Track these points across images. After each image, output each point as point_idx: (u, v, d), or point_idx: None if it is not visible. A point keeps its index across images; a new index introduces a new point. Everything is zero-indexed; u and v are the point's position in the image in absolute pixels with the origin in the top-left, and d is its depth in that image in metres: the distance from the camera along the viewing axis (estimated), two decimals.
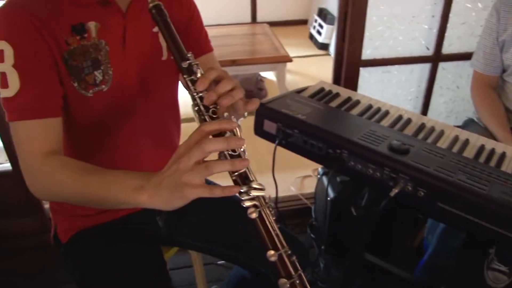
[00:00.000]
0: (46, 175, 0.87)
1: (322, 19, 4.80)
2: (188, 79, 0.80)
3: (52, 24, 0.90)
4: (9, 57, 0.86)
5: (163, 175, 0.73)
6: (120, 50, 1.00)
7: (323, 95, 1.59)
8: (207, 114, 0.77)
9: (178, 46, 0.83)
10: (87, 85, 0.97)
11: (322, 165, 1.62)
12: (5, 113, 0.90)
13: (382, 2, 1.92)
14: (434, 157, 1.22)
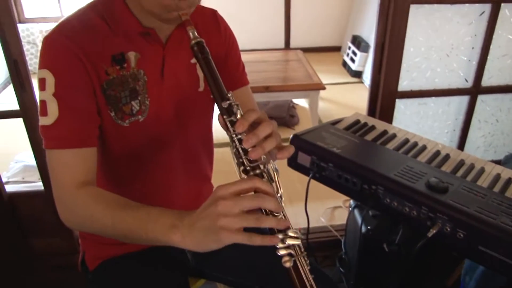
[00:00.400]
0: (78, 206, 0.87)
1: (355, 46, 4.78)
2: (227, 120, 0.80)
3: (94, 54, 0.92)
4: (50, 85, 0.88)
5: (198, 216, 0.72)
6: (158, 81, 1.01)
7: (358, 128, 1.57)
8: (246, 157, 0.77)
9: (219, 85, 0.83)
10: (123, 115, 0.97)
11: (357, 201, 1.58)
12: (42, 140, 0.91)
13: (420, 34, 1.89)
14: (475, 197, 1.17)
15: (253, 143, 0.76)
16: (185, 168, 1.15)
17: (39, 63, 0.90)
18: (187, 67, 1.06)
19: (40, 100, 0.89)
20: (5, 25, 1.64)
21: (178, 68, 1.03)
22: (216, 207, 0.69)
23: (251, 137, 0.76)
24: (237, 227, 0.69)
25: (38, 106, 0.90)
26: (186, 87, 1.07)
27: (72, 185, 0.88)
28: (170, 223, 0.74)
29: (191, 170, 1.17)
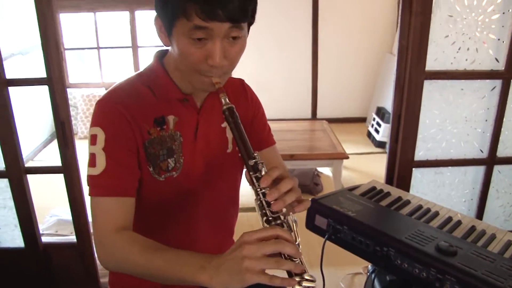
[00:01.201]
0: (116, 248, 0.97)
1: (380, 117, 4.91)
2: (253, 176, 0.92)
3: (139, 117, 1.06)
4: (100, 141, 1.02)
5: (224, 258, 0.81)
6: (192, 142, 1.14)
7: (374, 194, 1.63)
8: (268, 209, 0.88)
9: (246, 145, 0.95)
10: (160, 170, 1.10)
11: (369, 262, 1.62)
12: (89, 188, 1.03)
13: (435, 106, 2.00)
14: (483, 261, 1.21)
15: (275, 197, 0.88)
16: (211, 222, 1.25)
17: (91, 122, 1.06)
18: (218, 130, 1.19)
19: (90, 153, 1.03)
20: (57, 91, 1.86)
21: (209, 131, 1.17)
22: (241, 251, 0.79)
23: (273, 191, 0.88)
24: (259, 269, 0.77)
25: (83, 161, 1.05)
26: (216, 148, 1.19)
27: (112, 229, 0.99)
28: (199, 264, 0.83)
29: (216, 225, 1.27)
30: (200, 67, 0.98)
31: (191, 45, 0.95)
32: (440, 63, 1.95)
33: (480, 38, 1.96)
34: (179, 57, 1.00)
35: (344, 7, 5.37)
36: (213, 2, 0.89)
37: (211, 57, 0.96)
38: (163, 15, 0.97)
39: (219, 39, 0.94)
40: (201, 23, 0.91)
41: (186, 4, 0.90)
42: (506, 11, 1.94)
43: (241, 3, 0.91)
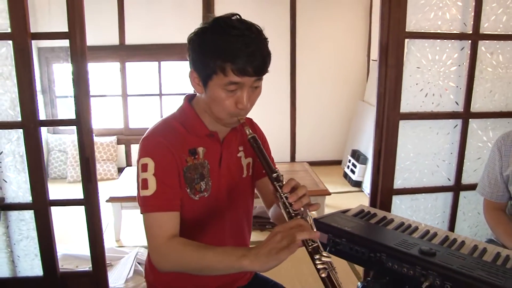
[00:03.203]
0: (172, 251, 1.22)
1: (355, 159, 5.28)
2: (277, 185, 1.21)
3: (178, 148, 1.33)
4: (151, 168, 1.28)
5: (261, 246, 1.08)
6: (217, 168, 1.42)
7: (363, 215, 1.92)
8: (291, 208, 1.17)
9: (269, 163, 1.26)
10: (195, 191, 1.37)
11: (365, 267, 1.89)
12: (141, 207, 1.29)
13: (409, 142, 2.34)
14: (457, 259, 1.51)
15: (295, 199, 1.18)
16: (232, 236, 1.50)
17: (140, 154, 1.32)
18: (235, 159, 1.48)
19: (142, 179, 1.28)
20: (84, 131, 2.10)
21: (230, 159, 1.46)
22: (275, 237, 1.07)
23: (293, 195, 1.18)
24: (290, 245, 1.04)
25: None
26: (234, 173, 1.48)
27: (166, 237, 1.24)
28: (241, 254, 1.09)
29: (236, 238, 1.53)
30: (230, 110, 1.27)
31: (225, 95, 1.24)
32: (411, 106, 2.30)
33: (443, 85, 2.33)
34: (212, 102, 1.29)
35: (320, 60, 5.82)
36: (245, 62, 1.19)
37: (240, 102, 1.26)
38: (202, 70, 1.25)
39: (247, 89, 1.25)
40: (235, 79, 1.21)
41: (225, 64, 1.19)
42: (461, 64, 2.33)
43: (263, 61, 1.23)
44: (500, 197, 2.00)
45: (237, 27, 1.21)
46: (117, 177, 5.42)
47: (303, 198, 1.19)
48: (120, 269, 3.12)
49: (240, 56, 1.18)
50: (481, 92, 2.40)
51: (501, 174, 1.96)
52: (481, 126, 2.44)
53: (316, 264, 1.08)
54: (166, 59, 5.62)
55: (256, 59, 1.20)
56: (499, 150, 1.95)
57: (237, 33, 1.19)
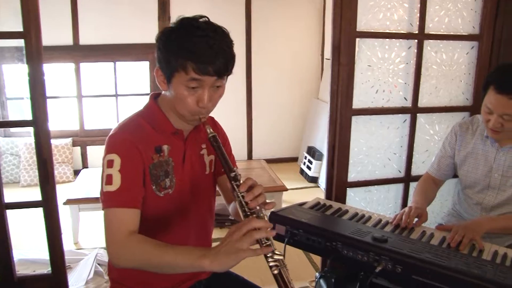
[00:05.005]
0: (132, 247, 1.23)
1: (311, 156, 5.41)
2: (234, 184, 1.27)
3: (144, 145, 1.35)
4: (117, 164, 1.29)
5: (220, 246, 1.13)
6: (181, 165, 1.46)
7: (319, 207, 2.01)
8: (247, 207, 1.22)
9: (227, 162, 1.31)
10: (160, 188, 1.40)
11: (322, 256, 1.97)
12: (103, 203, 1.29)
13: (361, 137, 2.45)
14: (407, 244, 1.61)
15: (251, 198, 1.23)
16: (196, 231, 1.54)
17: (106, 151, 1.32)
18: (198, 156, 1.52)
19: (107, 174, 1.29)
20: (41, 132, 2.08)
21: (193, 157, 1.50)
22: (231, 237, 1.11)
23: (249, 194, 1.23)
24: (246, 247, 1.10)
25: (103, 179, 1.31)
26: (198, 170, 1.52)
27: (125, 233, 1.25)
28: (200, 253, 1.13)
29: (200, 233, 1.57)
30: (192, 108, 1.31)
31: (186, 92, 1.29)
32: (363, 102, 2.40)
33: (392, 82, 2.45)
34: (175, 100, 1.33)
35: (275, 59, 5.93)
36: (206, 62, 1.24)
37: (201, 101, 1.30)
38: (166, 68, 1.29)
39: (207, 88, 1.30)
40: (196, 76, 1.25)
41: (187, 62, 1.23)
42: (409, 62, 2.46)
43: (225, 62, 1.28)
44: (443, 176, 2.16)
45: (203, 28, 1.25)
46: (73, 180, 5.32)
47: (259, 197, 1.24)
48: (79, 271, 3.09)
49: (202, 55, 1.22)
50: (427, 89, 2.54)
51: (452, 157, 2.08)
52: (428, 120, 2.58)
53: (268, 261, 1.15)
54: (122, 60, 5.56)
55: (217, 60, 1.24)
56: (455, 134, 2.09)
57: (201, 33, 1.24)
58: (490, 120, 1.81)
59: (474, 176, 2.01)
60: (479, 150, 1.99)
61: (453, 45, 2.55)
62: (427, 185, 2.14)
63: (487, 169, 1.97)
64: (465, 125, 2.07)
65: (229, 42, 1.31)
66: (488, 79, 1.82)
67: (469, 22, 2.54)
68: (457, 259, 1.51)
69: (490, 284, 1.36)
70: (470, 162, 2.02)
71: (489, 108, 1.79)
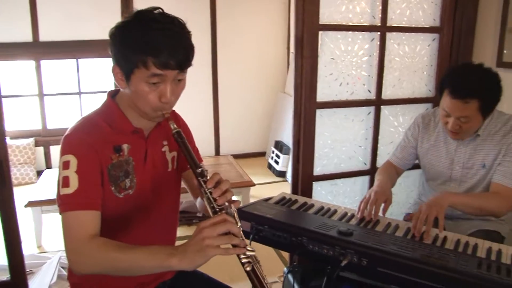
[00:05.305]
0: (94, 251, 1.17)
1: (278, 150, 5.41)
2: (201, 180, 1.22)
3: (102, 145, 1.29)
4: (73, 165, 1.23)
5: (188, 243, 1.08)
6: (142, 164, 1.40)
7: (285, 202, 1.99)
8: (215, 203, 1.18)
9: (193, 158, 1.26)
10: (120, 189, 1.34)
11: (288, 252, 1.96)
12: (60, 206, 1.23)
13: (326, 130, 2.44)
14: (373, 236, 1.61)
15: (219, 193, 1.19)
16: (158, 231, 1.49)
17: (62, 152, 1.26)
18: (160, 154, 1.47)
19: (63, 176, 1.23)
20: None
21: (154, 155, 1.44)
22: (201, 234, 1.07)
23: (217, 190, 1.19)
24: (217, 244, 1.06)
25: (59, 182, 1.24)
26: (159, 168, 1.47)
27: (87, 237, 1.19)
28: (168, 252, 1.09)
29: (164, 231, 1.53)
30: (154, 104, 1.26)
31: (148, 88, 1.23)
32: (327, 95, 2.40)
33: (356, 75, 2.46)
34: (136, 97, 1.27)
35: (241, 53, 5.88)
36: (167, 55, 1.18)
37: (164, 96, 1.25)
38: (124, 64, 1.23)
39: (169, 82, 1.25)
40: (157, 71, 1.20)
41: (146, 57, 1.18)
42: (372, 54, 2.47)
43: (186, 55, 1.23)
44: (405, 165, 2.19)
45: (159, 20, 1.20)
46: (36, 181, 5.16)
47: (227, 193, 1.21)
48: (42, 276, 2.99)
49: (162, 49, 1.18)
50: (391, 81, 2.56)
51: (415, 148, 2.10)
52: (392, 112, 2.60)
53: (240, 258, 1.11)
54: (85, 56, 5.42)
55: (178, 52, 1.20)
56: (418, 126, 2.11)
57: (158, 26, 1.19)
58: (449, 122, 1.85)
59: (436, 168, 2.04)
60: (441, 143, 2.02)
61: (415, 37, 2.57)
62: (389, 169, 2.16)
63: (448, 161, 2.00)
64: (428, 117, 2.09)
65: (188, 33, 1.26)
66: (442, 82, 1.86)
67: (430, 14, 2.57)
68: (421, 250, 1.51)
69: (452, 272, 1.37)
70: (433, 155, 2.05)
71: (446, 111, 1.83)
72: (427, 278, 1.41)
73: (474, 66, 1.86)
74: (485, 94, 1.75)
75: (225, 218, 1.12)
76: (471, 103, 1.74)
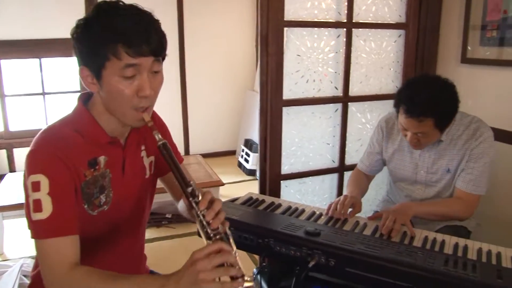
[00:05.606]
0: (75, 283, 1.07)
1: (248, 148, 5.36)
2: (193, 201, 1.09)
3: (74, 160, 1.15)
4: (44, 186, 1.09)
5: (181, 274, 0.99)
6: (120, 176, 1.28)
7: (251, 202, 1.95)
8: (209, 227, 1.07)
9: (182, 175, 1.12)
10: (94, 206, 1.23)
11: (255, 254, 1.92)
12: (34, 233, 1.10)
13: (293, 128, 2.41)
14: (340, 236, 1.58)
15: (212, 216, 1.08)
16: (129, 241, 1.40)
17: (28, 171, 1.11)
18: (138, 160, 1.36)
19: (34, 199, 1.09)
20: None
21: (133, 162, 1.33)
22: (195, 266, 0.98)
23: (210, 212, 1.08)
24: (212, 278, 0.98)
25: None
26: (138, 175, 1.36)
27: (67, 267, 1.08)
28: (159, 283, 1.01)
29: (132, 242, 1.42)
30: (133, 101, 1.13)
31: (123, 83, 1.10)
32: (294, 92, 2.36)
33: (322, 71, 2.43)
34: (111, 97, 1.14)
35: (210, 52, 5.78)
36: (138, 40, 1.07)
37: (141, 89, 1.12)
38: (92, 61, 1.10)
39: (146, 73, 1.13)
40: (131, 60, 1.07)
41: (117, 45, 1.05)
42: (338, 51, 2.44)
43: (159, 39, 1.12)
44: (373, 171, 2.19)
45: (124, 7, 1.10)
46: None
47: (220, 214, 1.10)
48: (2, 285, 2.87)
49: (133, 34, 1.07)
50: (358, 77, 2.54)
51: (380, 154, 2.09)
52: (359, 109, 2.59)
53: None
54: (48, 56, 5.23)
55: (150, 36, 1.10)
56: (382, 130, 2.09)
57: (125, 12, 1.09)
58: (407, 135, 1.84)
59: (402, 172, 2.04)
60: (405, 147, 2.01)
61: (381, 34, 2.56)
62: (359, 178, 2.16)
63: (413, 166, 2.00)
64: (391, 120, 2.08)
65: (157, 20, 1.15)
66: (398, 97, 1.83)
67: (396, 10, 2.56)
68: (389, 248, 1.50)
69: (420, 270, 1.36)
70: (398, 159, 2.05)
71: (403, 126, 1.82)
72: (396, 277, 1.39)
73: (429, 81, 1.84)
74: (438, 112, 1.73)
75: (221, 248, 1.03)
76: (426, 121, 1.73)
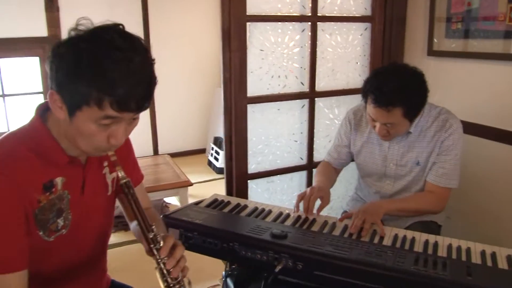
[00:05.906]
0: None
1: (217, 146, 5.28)
2: (154, 248, 1.08)
3: (26, 184, 1.04)
4: None
5: None
6: (79, 196, 1.18)
7: (216, 204, 1.87)
8: (169, 276, 1.08)
9: (145, 220, 1.09)
10: (50, 232, 1.12)
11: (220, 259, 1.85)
12: None
13: (259, 125, 2.34)
14: (308, 238, 1.52)
15: (173, 264, 1.08)
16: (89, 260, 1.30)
17: None
18: (100, 178, 1.26)
19: None
20: None
21: (94, 181, 1.23)
22: None
23: (171, 260, 1.09)
24: None
25: None
26: (99, 193, 1.26)
27: None
28: None
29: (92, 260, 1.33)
30: (101, 146, 1.05)
31: (96, 129, 1.01)
32: (258, 89, 2.29)
33: (287, 67, 2.37)
34: (77, 134, 1.04)
35: (176, 51, 5.65)
36: (127, 95, 0.97)
37: (114, 137, 1.04)
38: (69, 96, 0.99)
39: (124, 124, 1.04)
40: (113, 113, 0.98)
41: (102, 96, 0.95)
42: (304, 45, 2.38)
43: (148, 94, 1.03)
44: (341, 164, 2.12)
45: (121, 48, 0.99)
46: None
47: (181, 261, 1.10)
48: None
49: (122, 87, 0.96)
50: (324, 72, 2.49)
51: (348, 147, 2.03)
52: (326, 104, 2.54)
53: None
54: (7, 56, 5.01)
55: (140, 90, 1.00)
56: (350, 123, 2.03)
57: (119, 56, 0.97)
58: (376, 126, 1.79)
59: (370, 165, 1.99)
60: (374, 140, 1.96)
61: (347, 27, 2.52)
62: (327, 169, 2.09)
63: (382, 158, 1.95)
64: (359, 112, 2.03)
65: (151, 63, 1.08)
66: (365, 87, 1.77)
67: (361, 3, 2.52)
68: (359, 249, 1.44)
69: (389, 271, 1.32)
70: (366, 152, 1.99)
71: (372, 117, 1.77)
72: (365, 279, 1.34)
73: (397, 70, 1.78)
74: (407, 101, 1.68)
75: None
76: (394, 111, 1.68)
